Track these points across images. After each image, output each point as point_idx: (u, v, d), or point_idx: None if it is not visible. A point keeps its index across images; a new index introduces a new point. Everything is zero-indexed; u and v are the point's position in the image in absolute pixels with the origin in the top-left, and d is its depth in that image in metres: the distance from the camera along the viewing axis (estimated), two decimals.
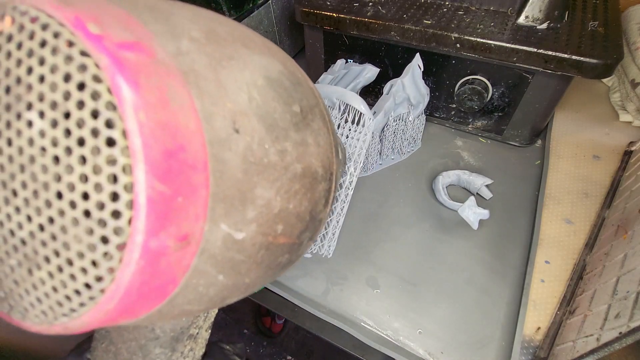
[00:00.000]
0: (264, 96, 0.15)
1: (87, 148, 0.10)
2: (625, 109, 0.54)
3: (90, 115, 0.10)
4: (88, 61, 0.10)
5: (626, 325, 0.26)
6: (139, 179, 0.10)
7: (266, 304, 0.41)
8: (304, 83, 0.18)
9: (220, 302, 0.16)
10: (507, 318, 0.37)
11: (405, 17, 0.46)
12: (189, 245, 0.12)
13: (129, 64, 0.10)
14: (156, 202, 0.10)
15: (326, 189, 0.19)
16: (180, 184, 0.11)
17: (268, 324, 1.03)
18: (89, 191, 0.11)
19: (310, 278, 0.41)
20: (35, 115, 0.11)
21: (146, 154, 0.10)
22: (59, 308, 0.12)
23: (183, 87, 0.12)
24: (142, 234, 0.10)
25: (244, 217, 0.14)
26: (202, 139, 0.12)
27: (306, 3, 0.51)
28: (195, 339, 0.22)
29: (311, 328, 0.39)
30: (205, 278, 0.13)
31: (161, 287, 0.12)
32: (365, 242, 0.44)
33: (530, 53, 0.40)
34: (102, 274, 0.11)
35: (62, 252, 0.11)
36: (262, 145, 0.14)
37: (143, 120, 0.10)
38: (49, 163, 0.11)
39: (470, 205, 0.41)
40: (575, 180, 0.47)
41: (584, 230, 0.42)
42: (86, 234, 0.11)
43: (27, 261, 0.12)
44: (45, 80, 0.11)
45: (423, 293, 0.39)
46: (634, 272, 0.29)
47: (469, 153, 0.52)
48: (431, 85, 0.51)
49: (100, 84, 0.10)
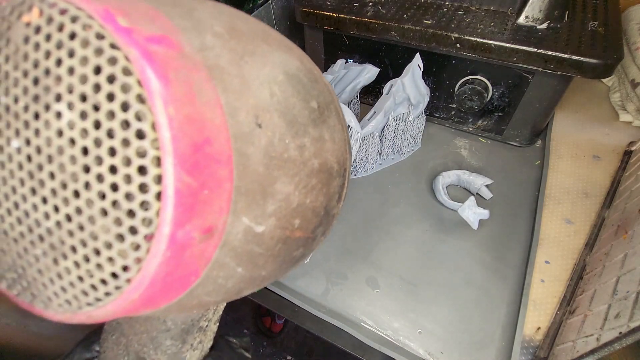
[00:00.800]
0: (284, 92, 0.15)
1: (117, 140, 0.10)
2: (625, 109, 0.54)
3: (120, 108, 0.10)
4: (118, 54, 0.10)
5: (626, 325, 0.26)
6: (168, 171, 0.10)
7: (266, 304, 0.41)
8: (319, 80, 0.18)
9: (236, 294, 0.16)
10: (507, 318, 0.37)
11: (405, 17, 0.46)
12: (212, 237, 0.12)
13: (158, 57, 0.10)
14: (183, 194, 0.11)
15: (340, 185, 0.19)
16: (206, 177, 0.11)
17: (268, 324, 1.03)
18: (119, 182, 0.11)
19: (310, 278, 0.41)
20: (64, 106, 0.11)
21: (175, 147, 0.10)
22: (84, 297, 0.12)
23: (209, 82, 0.12)
24: (169, 225, 0.11)
25: (264, 210, 0.14)
26: (227, 134, 0.12)
27: (306, 3, 0.51)
28: (204, 332, 0.22)
29: (311, 328, 0.39)
30: (225, 270, 0.14)
31: (184, 278, 0.12)
32: (365, 242, 0.44)
33: (530, 53, 0.40)
34: (129, 264, 0.11)
35: (90, 242, 0.11)
36: (283, 141, 0.14)
37: (172, 113, 0.10)
38: (78, 154, 0.11)
39: (470, 205, 0.41)
40: (575, 180, 0.47)
41: (584, 230, 0.42)
42: (114, 224, 0.11)
43: (53, 251, 0.12)
44: (75, 72, 0.11)
45: (423, 293, 0.39)
46: (634, 272, 0.29)
47: (469, 153, 0.52)
48: (431, 85, 0.51)
49: (130, 77, 0.10)
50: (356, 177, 0.50)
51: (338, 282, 0.41)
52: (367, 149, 0.47)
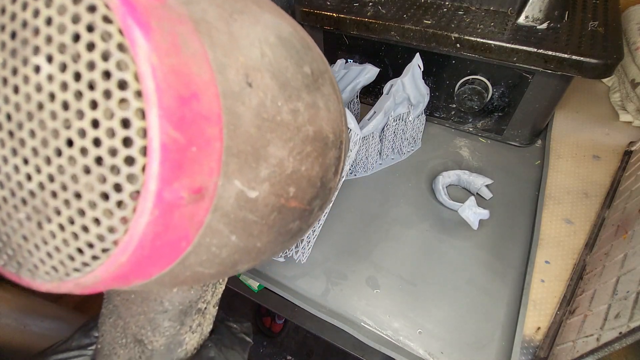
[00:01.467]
0: (275, 54, 0.14)
1: (98, 91, 0.10)
2: (625, 109, 0.54)
3: (101, 57, 0.10)
4: (97, 1, 0.10)
5: (626, 325, 0.26)
6: (153, 124, 0.10)
7: (266, 304, 0.41)
8: (313, 48, 0.18)
9: (232, 267, 0.16)
10: (507, 318, 0.37)
11: (405, 17, 0.46)
12: (202, 199, 0.12)
13: (140, 6, 0.10)
14: (170, 150, 0.10)
15: (336, 157, 0.18)
16: (194, 134, 0.11)
17: (268, 324, 1.03)
18: (101, 137, 0.10)
19: (310, 278, 0.41)
20: (42, 59, 0.10)
21: (160, 98, 0.10)
22: (70, 262, 0.11)
23: (195, 35, 0.11)
24: (156, 182, 0.10)
25: (257, 174, 0.13)
26: (216, 90, 0.11)
27: (306, 3, 0.51)
28: (203, 314, 0.22)
29: (311, 328, 0.39)
30: (218, 237, 0.13)
31: (174, 243, 0.12)
32: (365, 242, 0.44)
33: (530, 53, 0.40)
34: (115, 224, 0.11)
35: (73, 203, 0.11)
36: (275, 103, 0.14)
37: (156, 63, 0.10)
38: (58, 109, 0.10)
39: (470, 205, 0.41)
40: (575, 180, 0.47)
41: (584, 230, 0.42)
42: (98, 181, 0.10)
43: (37, 214, 0.11)
44: (52, 23, 0.10)
45: (423, 293, 0.39)
46: (634, 272, 0.29)
47: (469, 153, 0.52)
48: (431, 85, 0.51)
49: (111, 25, 0.10)
50: (356, 177, 0.50)
51: (338, 282, 0.41)
52: (367, 149, 0.47)
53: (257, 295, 0.42)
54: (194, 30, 0.11)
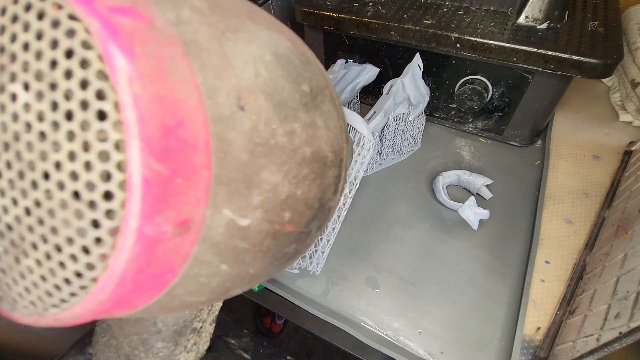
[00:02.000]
0: (271, 73, 0.14)
1: (75, 122, 0.09)
2: (625, 109, 0.54)
3: (79, 86, 0.09)
4: (77, 25, 0.09)
5: (626, 325, 0.26)
6: (133, 156, 0.09)
7: (266, 304, 0.41)
8: (313, 63, 0.17)
9: (224, 294, 0.15)
10: (507, 318, 0.37)
11: (405, 17, 0.46)
12: (188, 231, 0.11)
13: (123, 30, 0.09)
14: (152, 183, 0.10)
15: (336, 176, 0.18)
16: (180, 164, 0.10)
17: (268, 324, 1.03)
18: (78, 170, 0.10)
19: (310, 278, 0.41)
20: (19, 87, 0.10)
21: (141, 129, 0.09)
22: (48, 298, 0.11)
23: (183, 58, 0.11)
24: (136, 218, 0.10)
25: (248, 202, 0.13)
26: (204, 116, 0.11)
27: (306, 3, 0.51)
28: (199, 333, 0.21)
29: (311, 328, 0.39)
30: (207, 268, 0.13)
31: (159, 277, 0.11)
32: (366, 242, 0.44)
33: (530, 53, 0.40)
34: (93, 261, 0.10)
35: (50, 238, 0.10)
36: (269, 125, 0.13)
37: (138, 91, 0.09)
38: (35, 140, 0.10)
39: (470, 205, 0.41)
40: (575, 180, 0.47)
41: (584, 230, 0.42)
42: (75, 217, 0.10)
43: (14, 248, 0.11)
44: (30, 48, 0.10)
45: (423, 293, 0.39)
46: (634, 272, 0.29)
47: (469, 153, 0.52)
48: (431, 85, 0.51)
49: (91, 51, 0.09)
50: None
51: (338, 282, 0.41)
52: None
53: (257, 295, 0.42)
54: (183, 53, 0.11)
